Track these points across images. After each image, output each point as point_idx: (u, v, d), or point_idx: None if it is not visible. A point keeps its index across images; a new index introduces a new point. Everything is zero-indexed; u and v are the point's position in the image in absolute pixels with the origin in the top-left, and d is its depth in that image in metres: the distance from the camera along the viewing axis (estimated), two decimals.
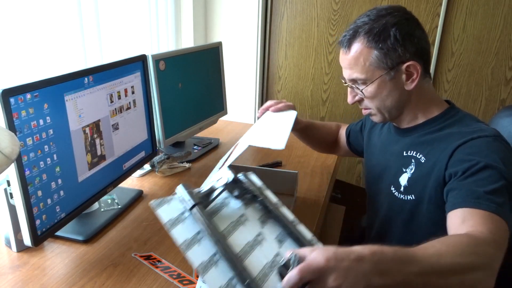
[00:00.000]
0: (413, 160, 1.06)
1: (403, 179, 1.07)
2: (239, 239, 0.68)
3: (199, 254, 0.63)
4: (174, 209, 0.71)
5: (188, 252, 0.63)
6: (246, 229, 0.71)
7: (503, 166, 0.89)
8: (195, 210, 0.69)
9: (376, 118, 1.12)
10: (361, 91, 1.05)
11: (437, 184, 0.97)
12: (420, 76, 1.01)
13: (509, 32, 1.97)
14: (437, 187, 0.97)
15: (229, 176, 0.75)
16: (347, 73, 1.06)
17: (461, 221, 0.84)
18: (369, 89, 1.04)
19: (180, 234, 0.66)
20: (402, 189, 1.07)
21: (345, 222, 1.56)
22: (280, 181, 1.29)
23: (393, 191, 1.10)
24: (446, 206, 0.91)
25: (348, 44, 1.03)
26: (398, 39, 0.98)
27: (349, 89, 1.09)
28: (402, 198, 1.07)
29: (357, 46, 1.02)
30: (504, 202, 0.85)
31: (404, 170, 1.07)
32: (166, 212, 0.70)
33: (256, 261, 0.65)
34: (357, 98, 1.09)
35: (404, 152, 1.08)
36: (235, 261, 0.62)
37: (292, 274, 0.63)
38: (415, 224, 1.05)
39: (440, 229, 0.87)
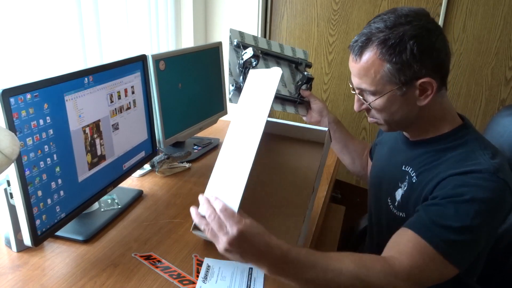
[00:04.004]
0: (407, 177, 1.01)
1: (398, 194, 1.03)
2: None
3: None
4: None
5: None
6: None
7: (485, 205, 0.84)
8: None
9: (383, 128, 1.06)
10: (369, 103, 0.98)
11: None
12: (435, 92, 0.93)
13: (509, 32, 1.97)
14: None
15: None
16: (355, 81, 0.98)
17: (397, 240, 0.87)
18: (378, 102, 0.96)
19: None
20: (396, 204, 1.03)
21: (345, 222, 1.57)
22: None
23: (389, 204, 1.06)
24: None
25: (359, 52, 0.93)
26: (415, 54, 0.88)
27: (356, 96, 1.01)
28: (395, 213, 1.03)
29: (368, 56, 0.92)
30: (458, 241, 0.83)
31: (400, 185, 1.03)
32: None
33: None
34: (364, 107, 1.01)
35: (403, 165, 1.03)
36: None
37: (209, 210, 0.77)
38: None
39: None
